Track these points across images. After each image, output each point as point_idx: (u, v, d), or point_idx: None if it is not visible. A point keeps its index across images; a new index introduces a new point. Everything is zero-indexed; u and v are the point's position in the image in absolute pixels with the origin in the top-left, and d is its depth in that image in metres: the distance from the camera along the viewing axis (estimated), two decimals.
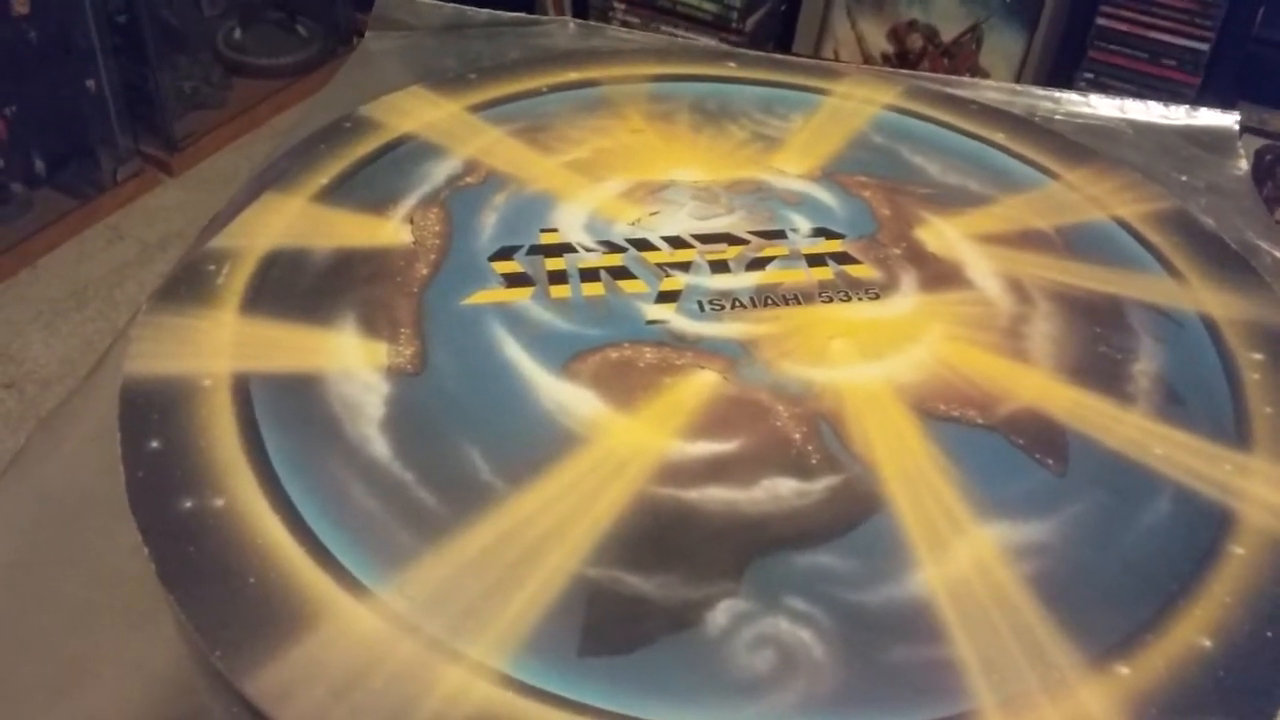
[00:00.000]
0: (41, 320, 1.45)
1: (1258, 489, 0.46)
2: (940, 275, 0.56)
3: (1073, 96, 0.74)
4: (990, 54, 1.57)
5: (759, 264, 0.56)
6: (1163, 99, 0.74)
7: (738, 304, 0.53)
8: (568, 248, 0.56)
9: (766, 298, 0.54)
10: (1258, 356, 0.53)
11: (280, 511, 0.42)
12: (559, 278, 0.54)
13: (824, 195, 0.61)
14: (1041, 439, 0.48)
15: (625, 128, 0.65)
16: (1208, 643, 0.40)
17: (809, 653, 0.39)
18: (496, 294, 0.53)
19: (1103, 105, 0.73)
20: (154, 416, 0.45)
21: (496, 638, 0.38)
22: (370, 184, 0.59)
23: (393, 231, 0.56)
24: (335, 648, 0.38)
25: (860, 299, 0.54)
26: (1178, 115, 0.73)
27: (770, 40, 1.65)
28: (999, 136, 0.67)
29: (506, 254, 0.55)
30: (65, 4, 1.49)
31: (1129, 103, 0.73)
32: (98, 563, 0.42)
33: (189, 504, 0.42)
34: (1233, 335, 0.54)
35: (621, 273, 0.55)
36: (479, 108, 0.66)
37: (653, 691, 0.37)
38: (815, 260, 0.56)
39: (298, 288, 0.52)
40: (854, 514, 0.44)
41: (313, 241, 0.55)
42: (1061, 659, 0.39)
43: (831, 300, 0.54)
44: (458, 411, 0.47)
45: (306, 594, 0.39)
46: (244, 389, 0.47)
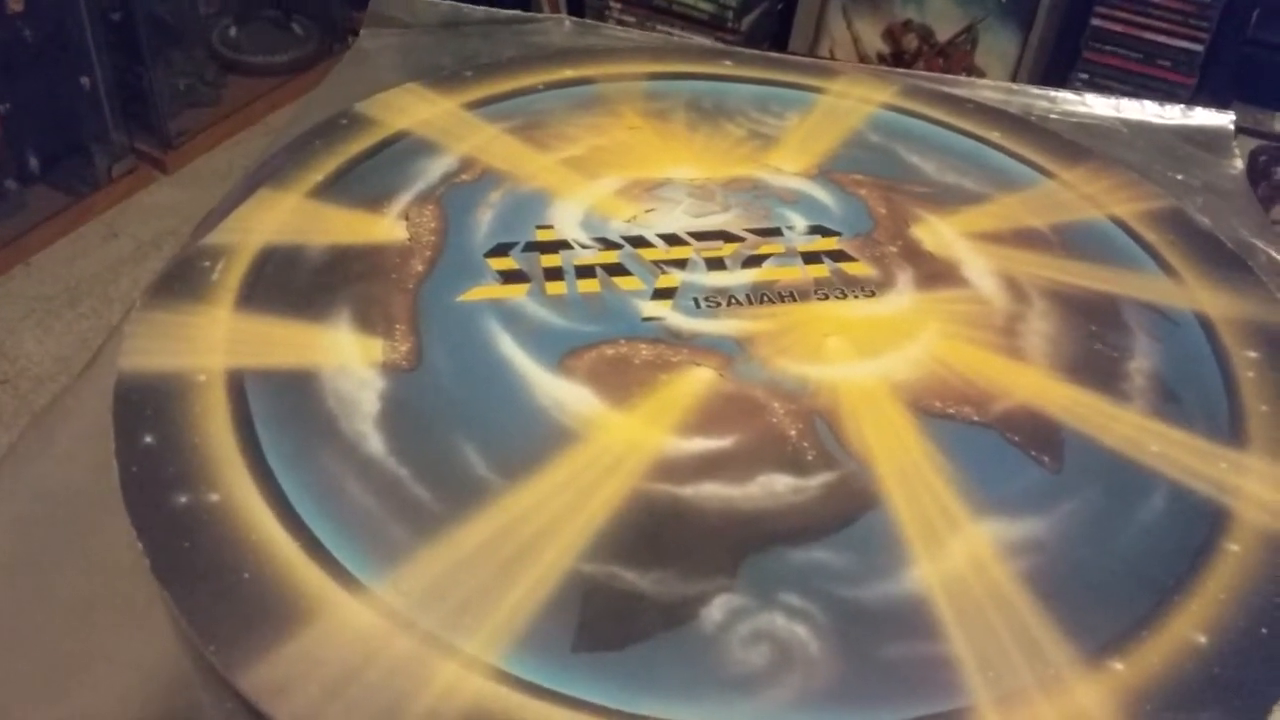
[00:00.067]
0: (35, 317, 1.45)
1: (1253, 487, 0.46)
2: (936, 273, 0.56)
3: (1068, 96, 0.74)
4: (985, 54, 1.58)
5: (755, 261, 0.56)
6: (1158, 99, 0.74)
7: (734, 301, 0.53)
8: (563, 245, 0.56)
9: (762, 295, 0.54)
10: (1253, 355, 0.53)
11: (275, 507, 0.42)
12: (555, 274, 0.54)
13: (820, 193, 0.61)
14: (1037, 436, 0.48)
15: (621, 125, 0.65)
16: (1203, 639, 0.40)
17: (804, 649, 0.39)
18: (492, 290, 0.53)
19: (1098, 104, 0.73)
20: (148, 412, 0.45)
21: (492, 633, 0.38)
22: (366, 180, 0.59)
23: (388, 228, 0.56)
24: (330, 643, 0.37)
25: (856, 297, 0.54)
26: (1173, 114, 0.73)
27: (766, 40, 1.65)
28: (995, 135, 0.67)
29: (502, 251, 0.55)
30: (60, 1, 1.48)
31: (1125, 102, 0.73)
32: (91, 559, 0.42)
33: (183, 499, 0.42)
34: (1228, 333, 0.54)
35: (617, 270, 0.55)
36: (475, 105, 0.66)
37: (648, 687, 0.37)
38: (811, 258, 0.56)
39: (293, 284, 0.52)
40: (849, 510, 0.44)
41: (308, 238, 0.55)
42: (1057, 655, 0.39)
43: (827, 298, 0.54)
44: (453, 408, 0.47)
45: (301, 589, 0.39)
46: (239, 385, 0.47)
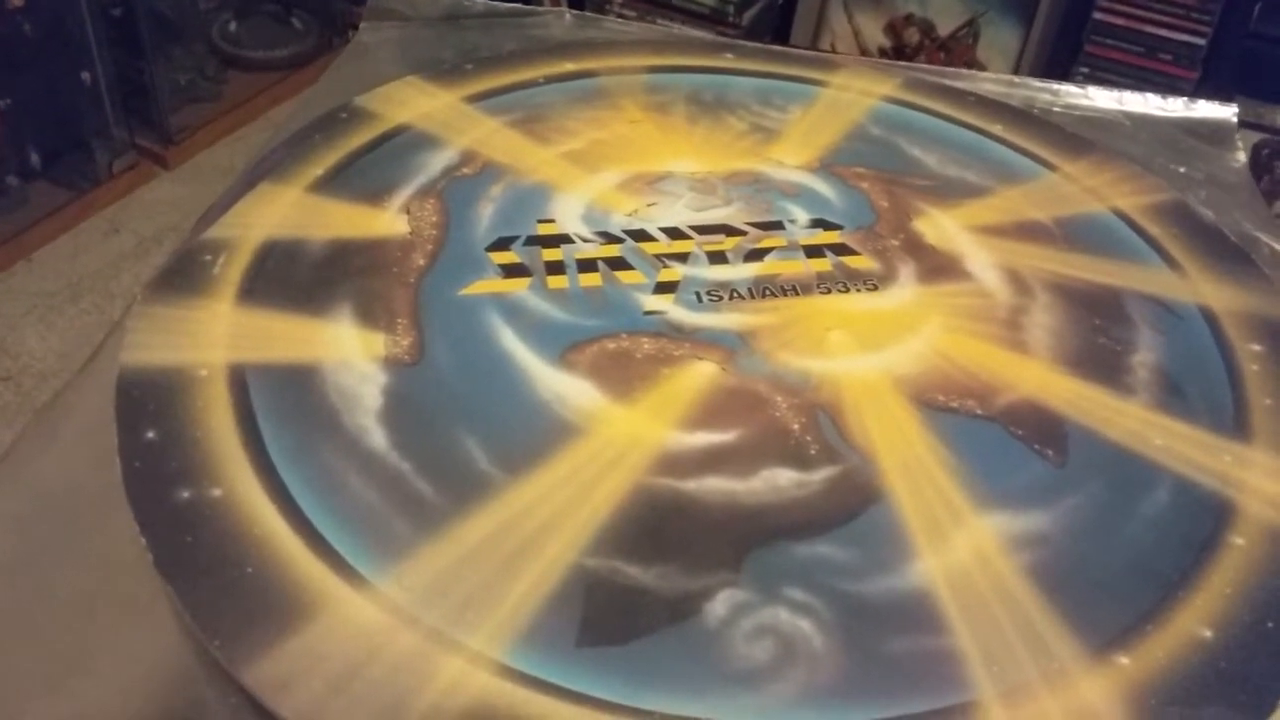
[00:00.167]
0: (37, 313, 1.45)
1: (1257, 480, 0.46)
2: (939, 267, 0.56)
3: (1071, 89, 0.73)
4: (987, 48, 1.57)
5: (757, 255, 0.56)
6: (1160, 93, 0.74)
7: (736, 295, 0.53)
8: (565, 238, 0.56)
9: (764, 289, 0.54)
10: (1257, 348, 0.53)
11: (278, 502, 0.42)
12: (556, 268, 0.54)
13: (822, 187, 0.61)
14: (1041, 430, 0.47)
15: (622, 119, 0.65)
16: (1208, 633, 0.40)
17: (808, 643, 0.39)
18: (494, 284, 0.53)
19: (1101, 97, 0.73)
20: (150, 407, 0.45)
21: (495, 628, 0.38)
22: (366, 174, 0.59)
23: (389, 222, 0.56)
24: (334, 638, 0.37)
25: (859, 290, 0.54)
26: (1176, 107, 0.73)
27: (767, 34, 1.64)
28: (997, 128, 0.67)
29: (504, 244, 0.55)
30: None
31: (1127, 95, 0.73)
32: (94, 554, 0.42)
33: (186, 494, 0.42)
34: (1232, 327, 0.54)
35: (619, 263, 0.54)
36: (475, 98, 0.65)
37: (651, 682, 0.37)
38: (813, 251, 0.56)
39: (294, 278, 0.52)
40: (853, 504, 0.44)
41: (309, 232, 0.54)
42: (1062, 649, 0.39)
43: (830, 291, 0.54)
44: (455, 402, 0.47)
45: (305, 584, 0.39)
46: (240, 379, 0.47)
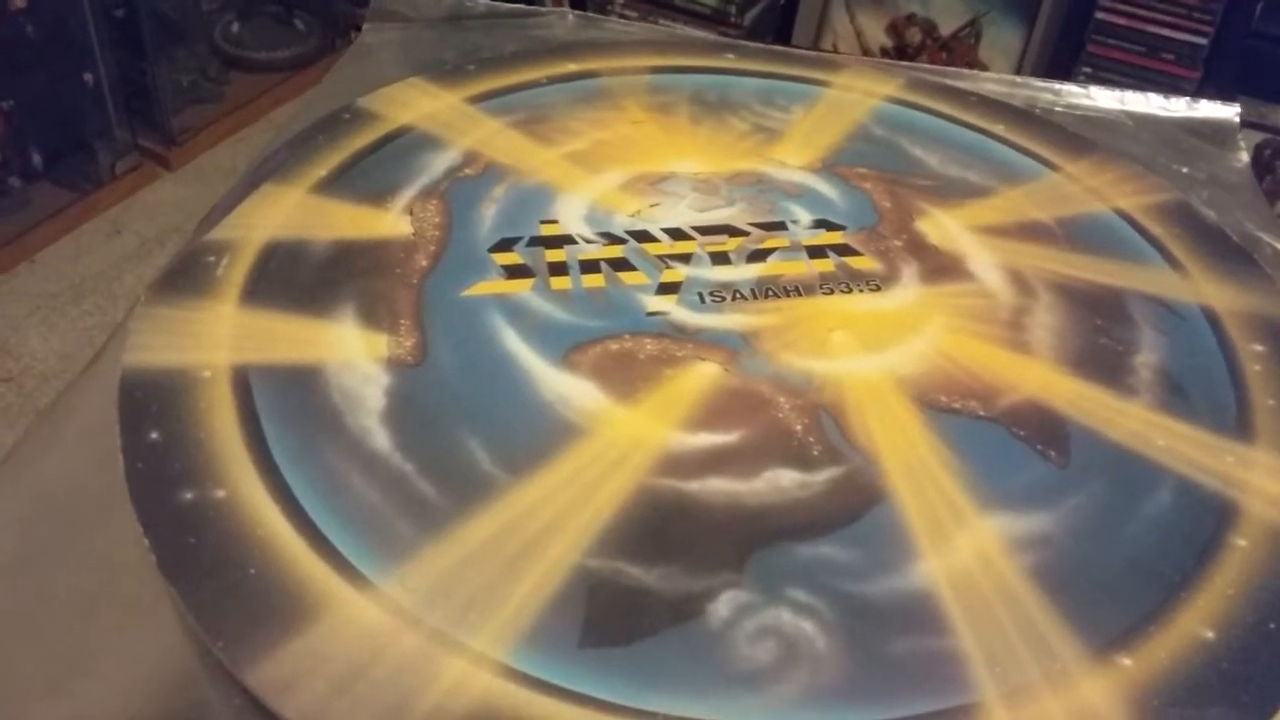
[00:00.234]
0: (39, 315, 1.45)
1: (1260, 481, 0.46)
2: (941, 267, 0.56)
3: (1073, 89, 0.73)
4: (989, 48, 1.57)
5: (760, 256, 0.56)
6: (1162, 93, 0.74)
7: (738, 296, 0.53)
8: (568, 239, 0.56)
9: (767, 289, 0.54)
10: (1259, 348, 0.53)
11: (281, 503, 0.42)
12: (559, 269, 0.54)
13: (825, 187, 0.61)
14: (1043, 431, 0.47)
15: (625, 119, 0.65)
16: (1210, 634, 0.40)
17: (811, 644, 0.39)
18: (496, 285, 0.53)
19: (1103, 97, 0.73)
20: (153, 408, 0.45)
21: (498, 629, 0.38)
22: (369, 175, 0.59)
23: (392, 223, 0.56)
24: (337, 639, 0.37)
25: (861, 291, 0.54)
26: (1178, 107, 0.73)
27: (768, 34, 1.64)
28: (999, 128, 0.67)
29: (506, 245, 0.55)
30: None
31: (1129, 95, 0.73)
32: (96, 555, 0.42)
33: (189, 495, 0.42)
34: (1234, 327, 0.54)
35: (622, 264, 0.55)
36: (478, 99, 0.65)
37: (654, 683, 0.37)
38: (816, 252, 0.56)
39: (297, 279, 0.52)
40: (856, 505, 0.44)
41: (312, 233, 0.54)
42: (1064, 650, 0.39)
43: (832, 292, 0.54)
44: (458, 403, 0.47)
45: (308, 585, 0.39)
46: (244, 380, 0.47)
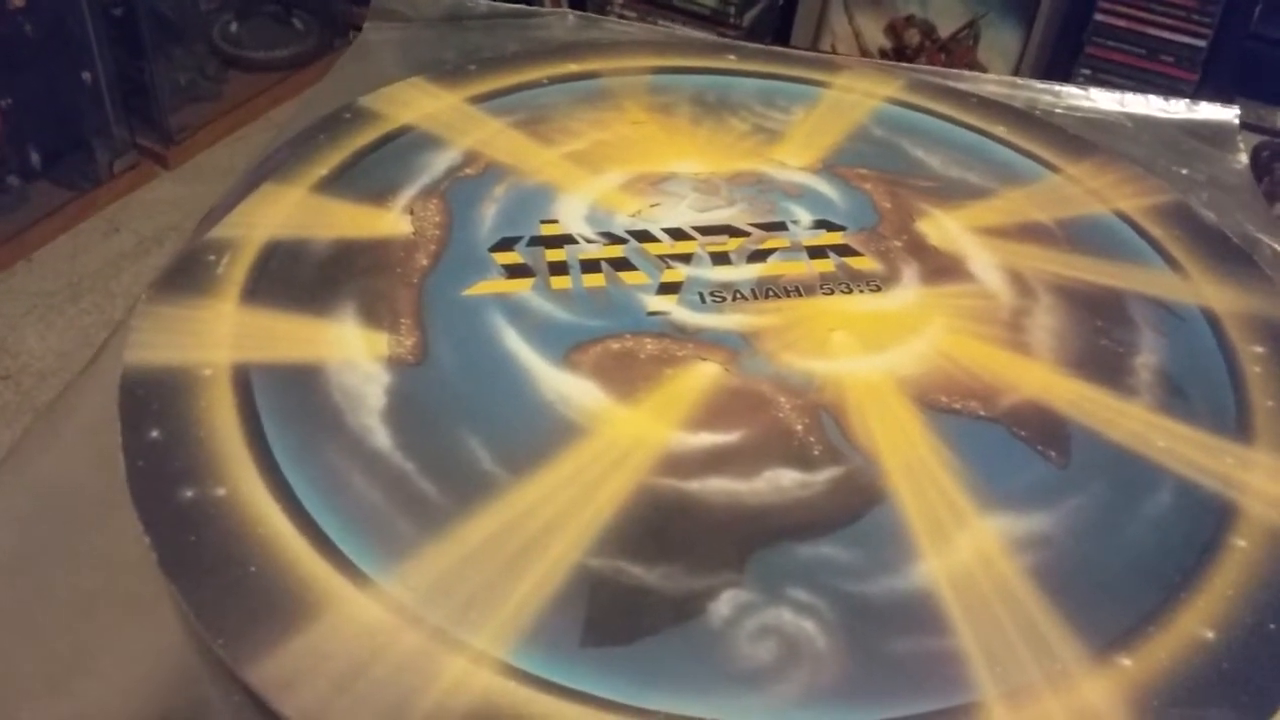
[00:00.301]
0: (37, 313, 1.45)
1: (1260, 482, 0.46)
2: (942, 268, 0.56)
3: (1073, 90, 0.73)
4: (987, 50, 1.57)
5: (760, 256, 0.56)
6: (1161, 95, 0.74)
7: (739, 296, 0.53)
8: (568, 239, 0.56)
9: (768, 290, 0.54)
10: (1259, 350, 0.53)
11: (282, 501, 0.42)
12: (560, 269, 0.54)
13: (825, 188, 0.61)
14: (1043, 431, 0.48)
15: (625, 120, 0.65)
16: (1210, 635, 0.40)
17: (812, 644, 0.39)
18: (497, 285, 0.53)
19: (1103, 99, 0.73)
20: (154, 406, 0.45)
21: (499, 628, 0.38)
22: (370, 175, 0.59)
23: (392, 222, 0.56)
24: (338, 637, 0.37)
25: (862, 291, 0.54)
26: (1178, 109, 0.73)
27: (767, 35, 1.64)
28: (1000, 130, 0.67)
29: (507, 245, 0.55)
30: None
31: (1129, 96, 0.73)
32: (96, 554, 0.42)
33: (190, 493, 0.42)
34: (1234, 328, 0.54)
35: (622, 264, 0.55)
36: (478, 99, 0.65)
37: (655, 682, 0.37)
38: (816, 252, 0.56)
39: (297, 278, 0.52)
40: (856, 505, 0.44)
41: (312, 232, 0.54)
42: (1064, 651, 0.39)
43: (833, 292, 0.54)
44: (458, 402, 0.47)
45: (308, 583, 0.39)
46: (244, 379, 0.47)
